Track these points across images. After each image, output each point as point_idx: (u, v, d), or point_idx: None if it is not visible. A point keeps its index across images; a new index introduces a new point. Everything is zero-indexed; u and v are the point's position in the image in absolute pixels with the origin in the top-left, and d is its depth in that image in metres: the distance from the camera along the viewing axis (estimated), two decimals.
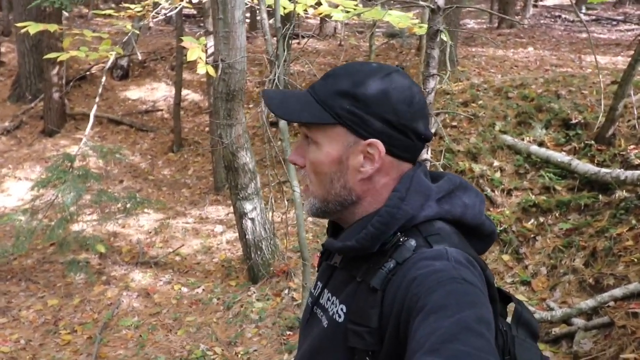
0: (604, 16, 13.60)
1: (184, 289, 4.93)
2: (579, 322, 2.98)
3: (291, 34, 2.65)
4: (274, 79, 2.33)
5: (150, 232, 6.08)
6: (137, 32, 4.62)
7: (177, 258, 5.49)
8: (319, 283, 1.01)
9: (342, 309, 0.87)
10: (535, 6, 15.27)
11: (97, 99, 6.42)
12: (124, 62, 10.90)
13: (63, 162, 5.28)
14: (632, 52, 8.52)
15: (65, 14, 9.26)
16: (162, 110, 10.12)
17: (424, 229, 0.86)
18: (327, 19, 3.65)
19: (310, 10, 3.05)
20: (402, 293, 0.77)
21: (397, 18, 2.73)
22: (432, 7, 2.28)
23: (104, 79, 6.41)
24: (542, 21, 13.88)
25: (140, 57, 9.76)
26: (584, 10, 14.64)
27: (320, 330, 0.91)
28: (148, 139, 9.33)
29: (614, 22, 13.04)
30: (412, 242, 0.83)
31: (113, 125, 9.60)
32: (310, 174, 0.92)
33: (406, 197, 0.85)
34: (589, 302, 3.02)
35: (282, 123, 2.43)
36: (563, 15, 14.50)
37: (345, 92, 0.86)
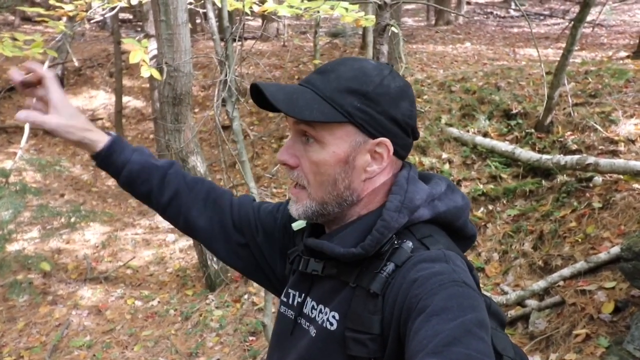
0: (532, 11, 14.29)
1: (138, 303, 4.75)
2: (532, 303, 3.11)
3: (235, 35, 2.60)
4: (226, 81, 2.28)
5: (97, 246, 5.83)
6: (70, 32, 4.38)
7: (129, 271, 5.29)
8: (291, 292, 0.96)
9: (334, 317, 0.84)
10: (468, 3, 15.86)
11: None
12: (58, 70, 10.38)
13: None
14: (560, 45, 9.02)
15: None
16: (102, 119, 9.73)
17: (416, 231, 0.85)
18: (273, 17, 3.61)
19: (256, 8, 3.00)
20: (403, 295, 0.76)
21: (345, 10, 2.74)
22: (380, 2, 2.30)
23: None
24: (475, 18, 14.43)
25: (76, 64, 9.33)
26: (513, 6, 15.34)
27: (309, 340, 0.87)
28: None
29: (542, 17, 13.74)
30: (409, 244, 0.82)
31: (49, 136, 9.13)
32: (309, 174, 0.87)
33: (405, 200, 0.84)
34: (540, 284, 3.15)
35: (236, 125, 2.38)
36: (495, 12, 15.14)
37: (355, 89, 0.84)
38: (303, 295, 0.93)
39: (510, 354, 0.84)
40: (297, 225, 1.03)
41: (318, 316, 0.87)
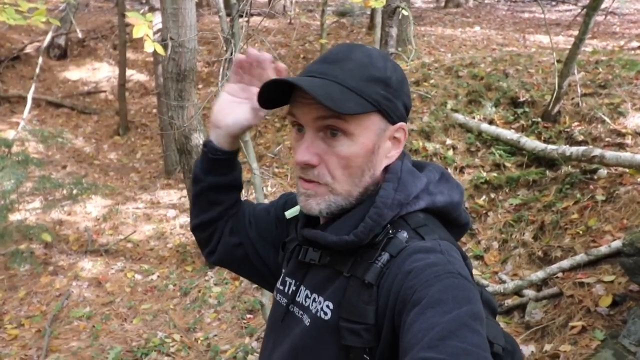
0: None
1: (138, 276, 4.79)
2: (529, 293, 3.11)
3: (241, 11, 2.55)
4: (231, 59, 2.24)
5: (98, 219, 5.85)
6: (74, 2, 4.30)
7: (129, 245, 5.32)
8: (288, 279, 0.96)
9: (327, 306, 0.84)
10: None
11: (34, 80, 6.05)
12: (61, 40, 10.31)
13: (0, 148, 4.95)
14: (571, 32, 8.88)
15: None
16: (105, 91, 9.68)
17: (410, 220, 0.85)
18: None
19: None
20: (398, 285, 0.76)
21: None
22: None
23: (40, 58, 6.02)
24: (486, 1, 14.20)
25: (80, 35, 9.24)
26: None
27: (302, 329, 0.87)
28: (91, 122, 8.92)
29: (553, 3, 13.51)
30: (405, 234, 0.82)
31: (52, 108, 9.10)
32: (337, 170, 0.84)
33: (398, 187, 0.84)
34: (539, 274, 3.16)
35: None
36: None
37: (377, 77, 0.84)
38: (297, 283, 0.93)
39: (501, 342, 0.84)
40: (290, 213, 1.04)
41: (312, 305, 0.87)
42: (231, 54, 2.25)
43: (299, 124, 0.86)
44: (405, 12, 2.30)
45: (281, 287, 0.98)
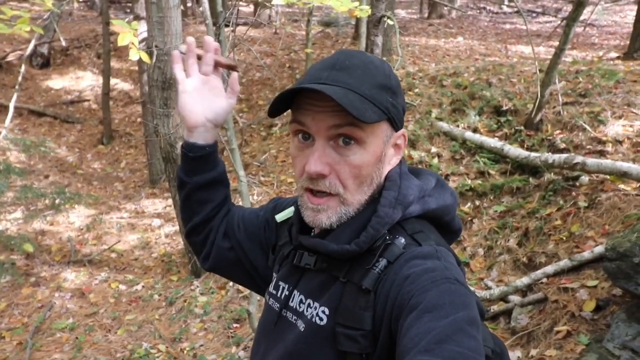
0: (524, 8, 14.33)
1: (122, 287, 4.72)
2: (515, 299, 3.14)
3: (227, 21, 2.56)
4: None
5: (81, 229, 5.77)
6: (58, 10, 4.26)
7: (113, 255, 5.25)
8: (281, 284, 0.95)
9: (323, 312, 0.84)
10: None
11: (16, 89, 5.96)
12: (44, 49, 10.21)
13: None
14: (551, 43, 9.07)
15: None
16: (89, 100, 9.59)
17: (407, 226, 0.85)
18: (266, 3, 3.56)
19: None
20: (395, 291, 0.76)
21: (338, 2, 2.71)
22: None
23: (23, 67, 5.95)
24: (468, 12, 14.43)
25: (64, 43, 9.16)
26: (506, 2, 15.36)
27: (297, 334, 0.87)
28: (75, 131, 8.82)
29: (534, 15, 13.78)
30: (402, 240, 0.82)
31: (35, 117, 8.99)
32: (349, 179, 0.83)
33: (398, 196, 0.85)
34: (524, 280, 3.19)
35: None
36: (488, 7, 15.15)
37: (384, 85, 0.84)
38: (291, 288, 0.92)
39: (489, 344, 0.85)
40: (281, 216, 1.03)
41: (307, 310, 0.87)
42: None
43: (304, 131, 0.84)
44: (390, 22, 2.33)
45: (274, 292, 0.97)
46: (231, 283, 4.42)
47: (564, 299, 2.86)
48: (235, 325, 3.93)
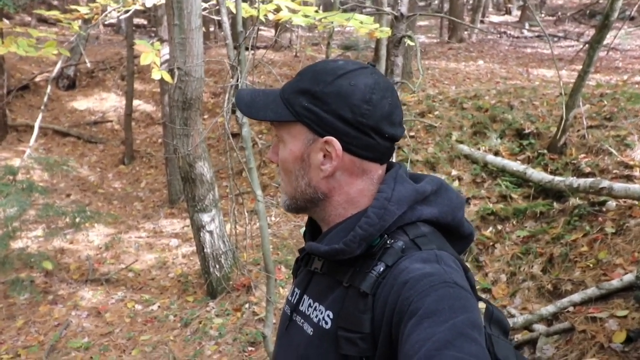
0: (546, 33, 14.28)
1: (138, 307, 4.70)
2: (540, 328, 3.02)
3: (248, 42, 2.58)
4: (237, 86, 2.25)
5: (100, 248, 5.80)
6: (84, 33, 4.38)
7: (130, 274, 5.24)
8: (296, 289, 0.98)
9: (328, 316, 0.85)
10: (482, 22, 15.87)
11: (42, 109, 6.11)
12: (70, 71, 10.49)
13: (5, 175, 4.96)
14: (574, 67, 8.97)
15: (6, 21, 8.82)
16: (112, 121, 9.78)
17: (409, 230, 0.85)
18: (287, 26, 3.59)
19: (270, 16, 2.99)
20: (394, 296, 0.75)
21: (359, 23, 2.71)
22: (396, 14, 2.27)
23: (49, 88, 6.10)
24: (489, 36, 14.43)
25: (89, 65, 9.41)
26: (527, 27, 15.34)
27: (305, 338, 0.88)
28: (97, 151, 8.97)
29: (555, 39, 13.71)
30: (400, 244, 0.82)
31: (59, 136, 9.18)
32: (281, 171, 0.94)
33: (392, 197, 0.84)
34: (549, 308, 3.07)
35: (245, 131, 2.35)
36: (508, 32, 15.14)
37: (306, 89, 0.86)
38: (301, 292, 0.95)
39: None
40: (303, 230, 1.07)
41: (313, 314, 0.88)
42: (237, 80, 2.26)
43: None
44: (411, 42, 2.31)
45: (289, 297, 1.00)
46: (247, 305, 4.36)
47: (592, 329, 2.74)
48: (250, 348, 3.86)
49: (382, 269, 0.80)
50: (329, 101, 0.84)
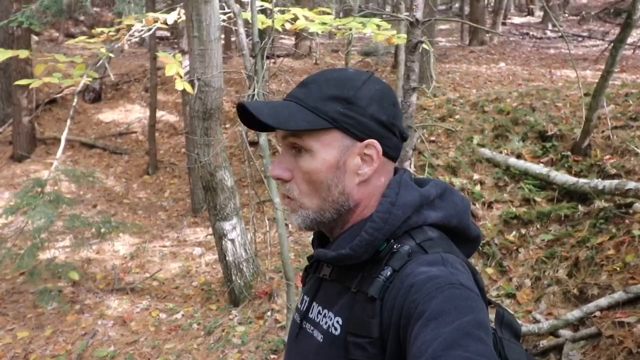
0: (570, 33, 14.03)
1: (163, 315, 4.76)
2: (566, 333, 2.95)
3: (267, 52, 2.62)
4: (254, 95, 2.28)
5: (125, 257, 5.90)
6: (112, 55, 4.51)
7: (155, 283, 5.32)
8: (305, 297, 0.99)
9: (337, 322, 0.85)
10: (504, 24, 15.69)
11: (68, 122, 6.26)
12: (96, 84, 10.75)
13: (33, 188, 5.10)
14: (599, 67, 8.79)
15: (35, 37, 9.10)
16: (136, 132, 9.96)
17: (415, 234, 0.85)
18: (306, 34, 3.62)
19: (287, 25, 3.03)
20: (401, 300, 0.76)
21: (376, 27, 2.72)
22: (411, 20, 2.27)
23: (75, 101, 6.26)
24: (511, 38, 14.25)
25: (113, 79, 9.63)
26: (550, 28, 15.10)
27: (316, 345, 0.88)
28: (122, 162, 9.15)
29: (580, 39, 13.46)
30: (407, 248, 0.82)
31: (86, 148, 9.39)
32: (303, 184, 0.89)
33: (396, 202, 0.85)
34: (575, 313, 3.00)
35: (263, 140, 2.37)
36: (531, 33, 14.93)
37: (337, 96, 0.86)
38: (310, 299, 0.96)
39: None
40: (312, 238, 1.07)
41: (323, 321, 0.89)
42: (253, 90, 2.28)
43: None
44: (426, 47, 2.32)
45: (299, 305, 1.00)
46: (269, 312, 4.38)
47: (620, 334, 2.66)
48: (272, 356, 3.87)
49: (389, 273, 0.80)
50: (365, 105, 0.86)
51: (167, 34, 14.28)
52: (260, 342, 4.04)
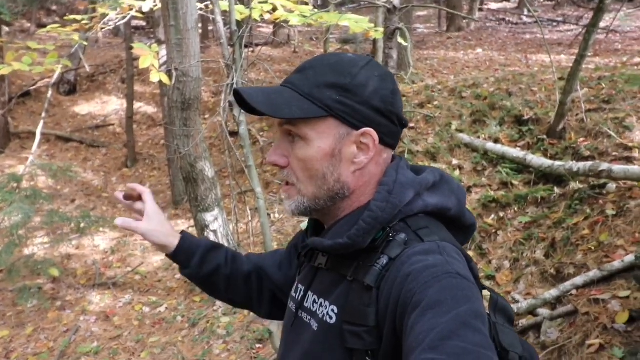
0: (544, 18, 14.19)
1: (146, 309, 4.74)
2: (544, 312, 3.03)
3: (246, 41, 2.60)
4: (232, 84, 2.27)
5: (106, 252, 5.84)
6: (85, 43, 4.41)
7: (137, 277, 5.29)
8: (300, 286, 0.98)
9: (333, 310, 0.85)
10: (480, 9, 15.79)
11: (43, 116, 6.14)
12: (70, 76, 10.52)
13: (9, 183, 4.99)
14: (573, 51, 8.93)
15: (6, 28, 8.85)
16: (113, 124, 9.81)
17: (412, 222, 0.85)
18: (284, 25, 3.61)
19: (267, 16, 3.00)
20: (397, 289, 0.76)
21: (355, 22, 2.71)
22: (389, 7, 2.28)
23: (50, 94, 6.13)
24: (487, 24, 14.36)
25: (88, 70, 9.44)
26: (525, 13, 15.24)
27: (311, 334, 0.88)
28: (100, 155, 9.01)
29: (554, 24, 13.63)
30: (403, 236, 0.82)
31: (62, 142, 9.23)
32: (298, 171, 0.88)
33: (394, 190, 0.84)
34: (553, 292, 3.08)
35: (243, 130, 2.37)
36: (507, 19, 15.05)
37: (333, 83, 0.84)
38: (305, 288, 0.95)
39: (517, 350, 0.82)
40: (305, 224, 1.08)
41: (319, 310, 0.89)
42: (232, 79, 2.27)
43: None
44: (403, 41, 2.32)
45: (293, 294, 1.00)
46: None
47: (595, 311, 2.75)
48: (258, 345, 3.89)
49: (385, 261, 0.80)
50: (361, 92, 0.84)
51: (143, 23, 14.01)
52: (245, 332, 4.06)
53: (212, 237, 4.35)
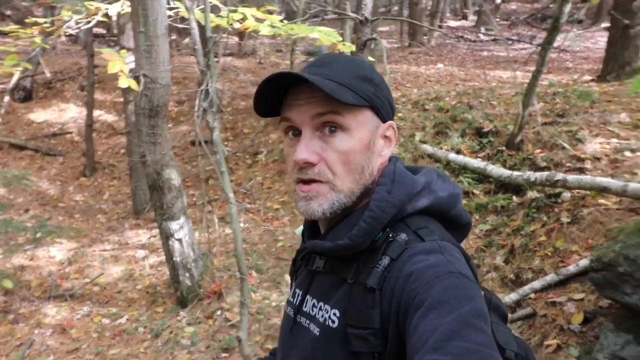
0: (501, 36, 14.77)
1: (105, 321, 4.60)
2: None
3: (217, 47, 2.61)
4: (207, 91, 2.27)
5: (63, 263, 5.64)
6: (47, 46, 4.28)
7: (96, 288, 5.13)
8: (297, 290, 0.97)
9: (334, 314, 0.84)
10: (440, 27, 16.29)
11: None
12: (26, 82, 10.18)
13: None
14: (528, 68, 9.34)
15: None
16: (71, 132, 9.53)
17: (410, 222, 0.85)
18: (253, 34, 3.62)
19: (237, 25, 3.02)
20: (399, 289, 0.76)
21: (324, 34, 2.76)
22: (361, 18, 2.35)
23: (6, 99, 5.92)
24: (447, 41, 14.82)
25: (48, 75, 9.16)
26: (483, 31, 15.83)
27: (312, 339, 0.86)
28: (56, 164, 8.72)
29: (510, 42, 14.20)
30: (403, 236, 0.82)
31: (15, 150, 8.89)
32: (337, 165, 0.84)
33: (392, 190, 0.84)
34: (512, 296, 3.20)
35: (216, 135, 2.37)
36: (465, 36, 15.59)
37: (366, 77, 0.86)
38: (303, 292, 0.93)
39: (513, 347, 0.83)
40: (300, 230, 1.04)
41: (319, 314, 0.87)
42: (207, 85, 2.28)
43: (294, 127, 0.86)
44: (376, 44, 2.40)
45: (291, 299, 0.98)
46: (219, 311, 4.34)
47: (553, 313, 2.87)
48: (224, 354, 3.84)
49: (387, 262, 0.79)
50: (384, 88, 0.88)
51: (103, 31, 13.74)
52: (210, 341, 4.00)
53: (177, 246, 4.29)
